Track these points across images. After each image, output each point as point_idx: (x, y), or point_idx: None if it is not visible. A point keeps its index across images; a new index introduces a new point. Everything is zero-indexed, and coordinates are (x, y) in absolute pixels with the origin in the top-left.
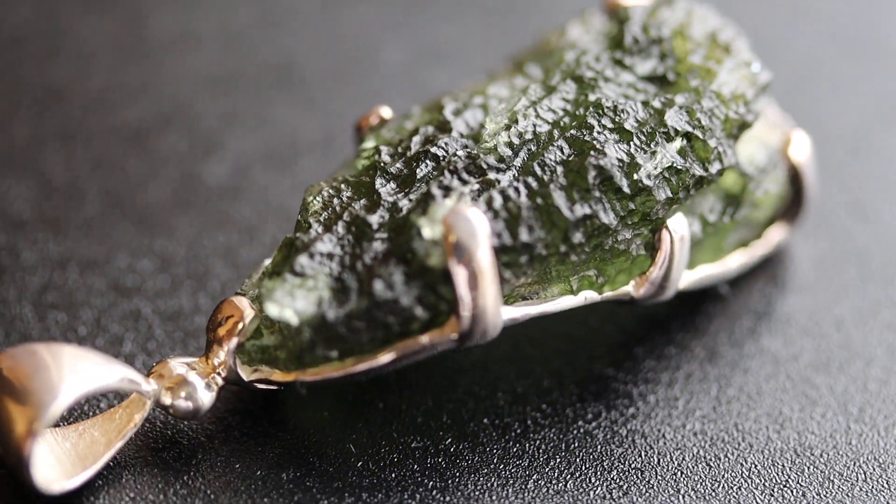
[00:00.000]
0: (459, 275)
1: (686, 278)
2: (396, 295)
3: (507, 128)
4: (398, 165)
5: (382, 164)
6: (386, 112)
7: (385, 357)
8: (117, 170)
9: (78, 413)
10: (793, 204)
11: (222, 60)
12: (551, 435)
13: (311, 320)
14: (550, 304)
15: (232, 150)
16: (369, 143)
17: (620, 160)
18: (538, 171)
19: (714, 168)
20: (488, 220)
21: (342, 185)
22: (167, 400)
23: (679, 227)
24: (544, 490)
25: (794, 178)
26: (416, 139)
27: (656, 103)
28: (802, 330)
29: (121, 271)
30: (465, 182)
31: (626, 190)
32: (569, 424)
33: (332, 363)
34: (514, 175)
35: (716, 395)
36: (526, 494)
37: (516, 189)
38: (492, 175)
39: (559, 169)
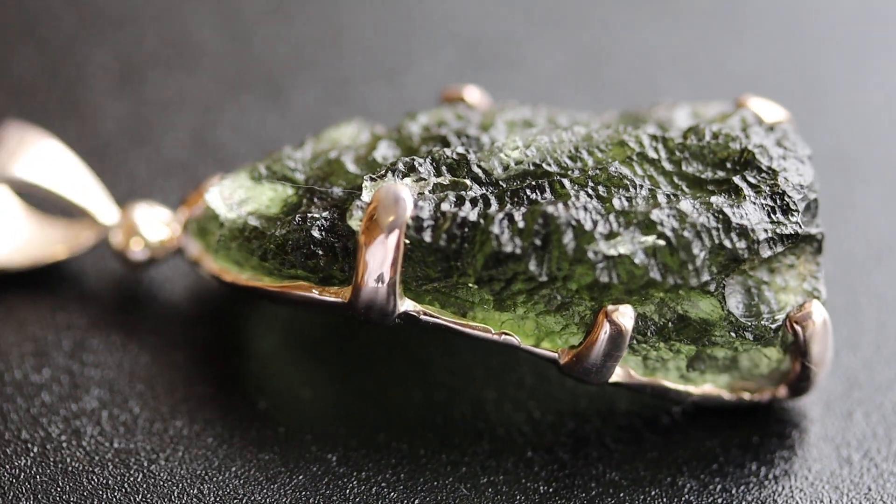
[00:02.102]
0: (361, 242)
1: (621, 375)
2: (308, 231)
3: (515, 149)
4: (415, 139)
5: (409, 135)
6: (472, 94)
7: (272, 287)
8: None
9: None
10: (795, 378)
11: None
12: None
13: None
14: (460, 324)
15: None
16: (422, 118)
17: (577, 221)
18: (507, 198)
19: (670, 280)
20: (426, 211)
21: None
22: (116, 238)
23: (622, 318)
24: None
25: (796, 351)
26: (445, 129)
27: (660, 197)
28: None
29: None
30: (439, 173)
31: (569, 252)
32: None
33: (233, 266)
34: (486, 191)
35: None
36: None
37: (474, 201)
38: (467, 180)
39: (523, 207)
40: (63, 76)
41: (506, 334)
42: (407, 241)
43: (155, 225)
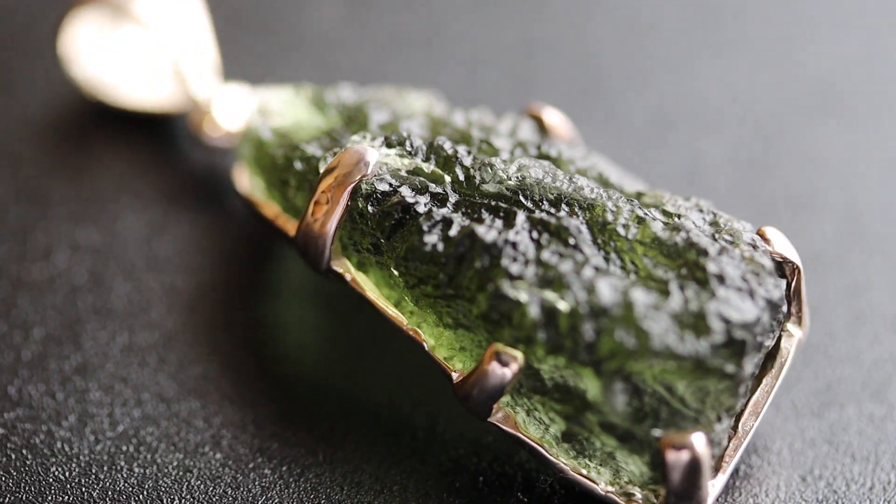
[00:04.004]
0: (316, 187)
1: (503, 422)
2: (292, 161)
3: (504, 171)
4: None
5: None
6: (550, 116)
7: (255, 199)
8: None
9: None
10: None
11: None
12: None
13: None
14: (378, 305)
15: None
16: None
17: (498, 252)
18: (464, 207)
19: (554, 343)
20: (384, 184)
21: None
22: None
23: (504, 360)
24: None
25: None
26: (475, 133)
27: (587, 268)
28: None
29: None
30: (427, 160)
31: (478, 275)
32: None
33: (247, 168)
34: (454, 193)
35: None
36: None
37: (433, 195)
38: (447, 176)
39: (467, 220)
40: None
41: (415, 332)
42: (349, 202)
43: (233, 113)
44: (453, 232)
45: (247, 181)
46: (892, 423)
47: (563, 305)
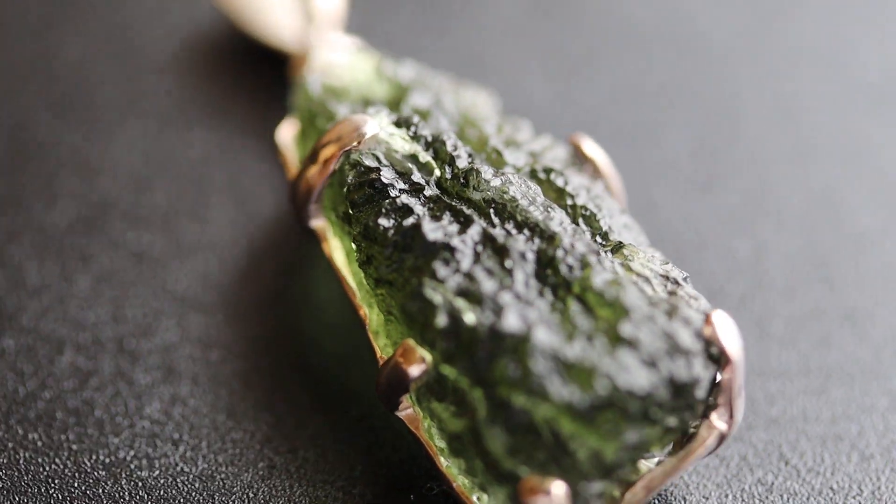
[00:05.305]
0: (316, 144)
1: (410, 421)
2: (313, 114)
3: (488, 181)
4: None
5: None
6: (588, 146)
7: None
8: None
9: None
10: None
11: None
12: None
13: None
14: (339, 271)
15: None
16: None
17: (434, 249)
18: (432, 203)
19: (443, 348)
20: (372, 161)
21: None
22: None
23: (407, 357)
24: None
25: None
26: (494, 141)
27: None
28: None
29: None
30: (427, 149)
31: (413, 267)
32: None
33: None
34: (431, 187)
35: None
36: None
37: (411, 184)
38: (437, 170)
39: (426, 216)
40: None
41: (364, 311)
42: (336, 167)
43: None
44: (407, 222)
45: (289, 129)
46: None
47: (469, 319)
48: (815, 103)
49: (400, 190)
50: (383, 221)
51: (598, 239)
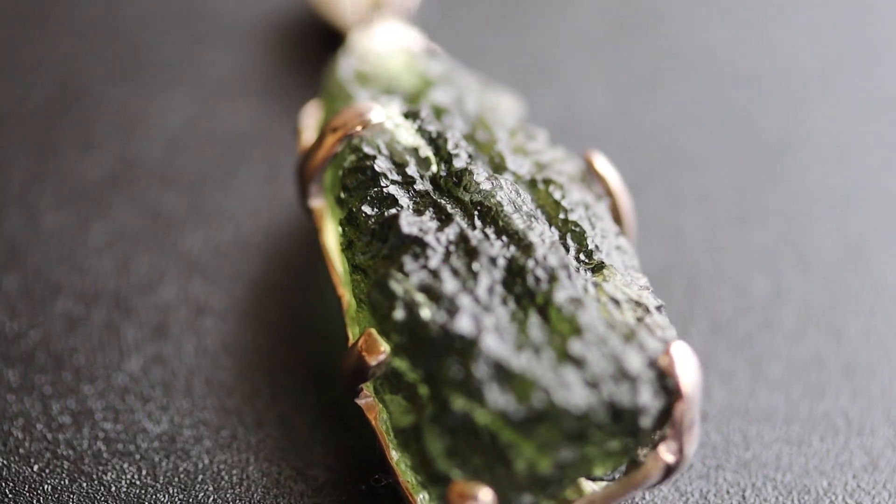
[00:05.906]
0: (323, 127)
1: (369, 410)
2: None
3: (479, 183)
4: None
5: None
6: (600, 162)
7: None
8: None
9: None
10: None
11: None
12: None
13: None
14: (327, 255)
15: None
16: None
17: (408, 242)
18: (419, 198)
19: (394, 340)
20: (370, 149)
21: None
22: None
23: (370, 346)
24: None
25: None
26: (502, 146)
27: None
28: None
29: None
30: (428, 144)
31: (383, 256)
32: None
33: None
34: (423, 182)
35: None
36: None
37: (404, 177)
38: (434, 166)
39: (407, 211)
40: None
41: (342, 295)
42: (337, 150)
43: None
44: (388, 212)
45: (313, 110)
46: None
47: (425, 315)
48: (869, 156)
49: (391, 181)
50: (366, 209)
51: (582, 256)
